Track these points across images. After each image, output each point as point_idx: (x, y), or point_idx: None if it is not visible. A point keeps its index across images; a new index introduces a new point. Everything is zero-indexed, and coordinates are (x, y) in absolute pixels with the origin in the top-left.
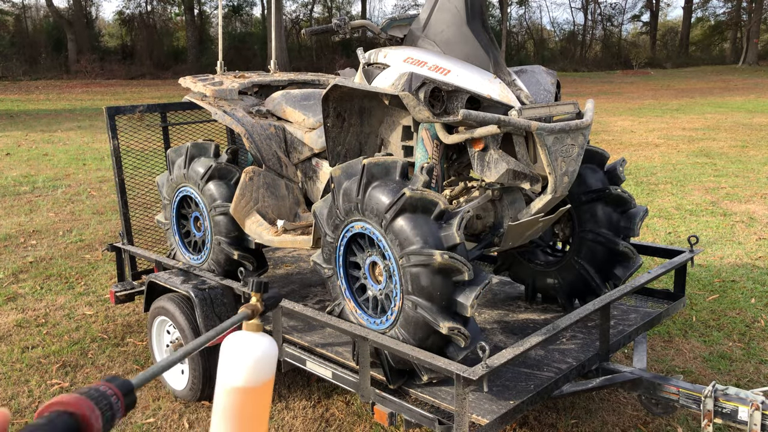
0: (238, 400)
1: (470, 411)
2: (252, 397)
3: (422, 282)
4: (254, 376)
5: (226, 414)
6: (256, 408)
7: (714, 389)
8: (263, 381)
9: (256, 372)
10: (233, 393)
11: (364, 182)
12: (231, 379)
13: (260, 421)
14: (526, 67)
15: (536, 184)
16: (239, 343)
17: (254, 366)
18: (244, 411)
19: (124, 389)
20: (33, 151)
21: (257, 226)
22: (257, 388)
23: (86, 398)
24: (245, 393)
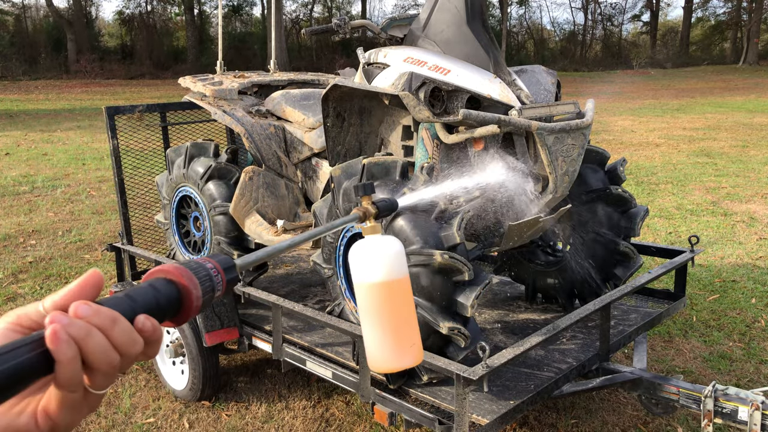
0: (380, 294)
1: (470, 411)
2: (393, 291)
3: (422, 282)
4: (390, 271)
5: (374, 311)
6: (401, 302)
7: (714, 389)
8: (401, 275)
9: (391, 267)
10: (374, 288)
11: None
12: (369, 276)
13: (408, 315)
14: (526, 67)
15: (536, 184)
16: (367, 245)
17: (388, 262)
18: (390, 304)
19: (225, 264)
20: (32, 151)
21: (257, 226)
22: (396, 281)
23: (187, 269)
24: (385, 287)
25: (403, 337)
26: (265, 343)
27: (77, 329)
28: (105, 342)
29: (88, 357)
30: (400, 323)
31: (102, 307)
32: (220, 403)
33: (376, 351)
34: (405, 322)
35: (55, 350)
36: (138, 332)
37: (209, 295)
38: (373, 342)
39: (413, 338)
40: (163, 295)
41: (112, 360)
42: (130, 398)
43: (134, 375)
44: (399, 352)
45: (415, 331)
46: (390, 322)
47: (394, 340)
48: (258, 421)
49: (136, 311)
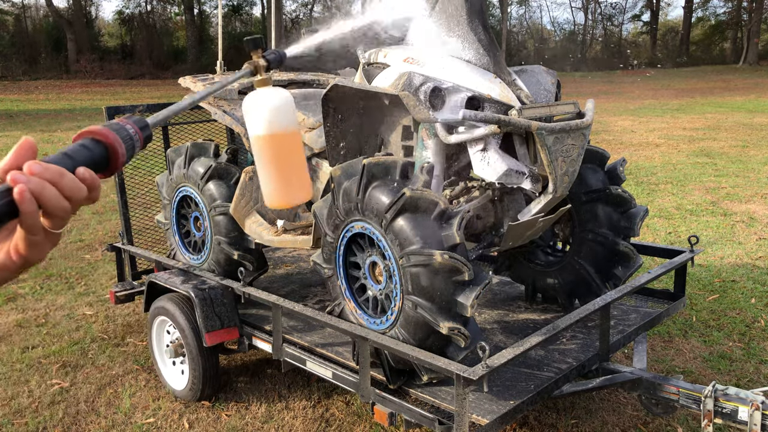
0: (268, 146)
1: (470, 411)
2: (280, 143)
3: (422, 282)
4: (276, 123)
5: (262, 160)
6: (289, 153)
7: (714, 389)
8: (286, 128)
9: (276, 119)
10: (262, 140)
11: (364, 182)
12: (256, 128)
13: (297, 166)
14: (526, 67)
15: (536, 184)
16: (254, 97)
17: (273, 114)
18: (279, 155)
19: (140, 124)
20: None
21: (257, 226)
22: (282, 134)
23: (111, 130)
24: (273, 139)
25: (291, 180)
26: (265, 343)
27: (34, 185)
28: (56, 192)
29: (45, 205)
30: (286, 169)
31: (50, 164)
32: (220, 403)
33: (268, 192)
34: (292, 168)
35: (20, 204)
36: (81, 181)
37: (131, 151)
38: (265, 185)
39: (301, 181)
40: (95, 152)
41: (64, 206)
42: (130, 398)
43: (134, 375)
44: (288, 193)
45: (303, 175)
46: (278, 169)
47: (282, 183)
48: (258, 421)
49: (76, 166)
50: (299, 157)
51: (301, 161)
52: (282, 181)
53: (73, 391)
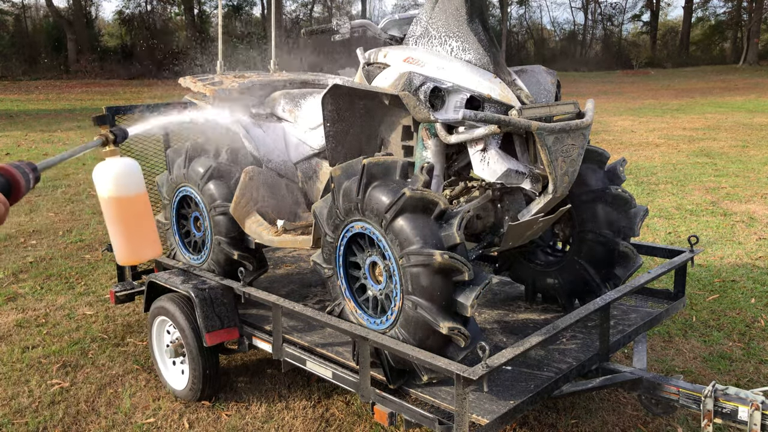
0: (114, 207)
1: (470, 411)
2: (126, 205)
3: (422, 282)
4: (122, 187)
5: (110, 220)
6: (135, 214)
7: (714, 389)
8: (131, 192)
9: (121, 184)
10: (108, 202)
11: (364, 182)
12: (104, 192)
13: (143, 226)
14: (526, 67)
15: (536, 184)
16: (104, 166)
17: (118, 179)
18: (124, 216)
19: (32, 166)
20: (33, 151)
21: (257, 226)
22: (127, 197)
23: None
24: (118, 202)
25: (137, 239)
26: (265, 343)
27: None
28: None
29: None
30: (132, 229)
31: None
32: (220, 403)
33: (116, 249)
34: (138, 228)
35: None
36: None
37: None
38: (114, 242)
39: (148, 239)
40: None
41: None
42: (130, 398)
43: (134, 375)
44: (134, 250)
45: (150, 233)
46: (124, 229)
47: (128, 241)
48: (258, 421)
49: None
50: (146, 217)
51: (148, 222)
52: (128, 240)
53: (73, 391)
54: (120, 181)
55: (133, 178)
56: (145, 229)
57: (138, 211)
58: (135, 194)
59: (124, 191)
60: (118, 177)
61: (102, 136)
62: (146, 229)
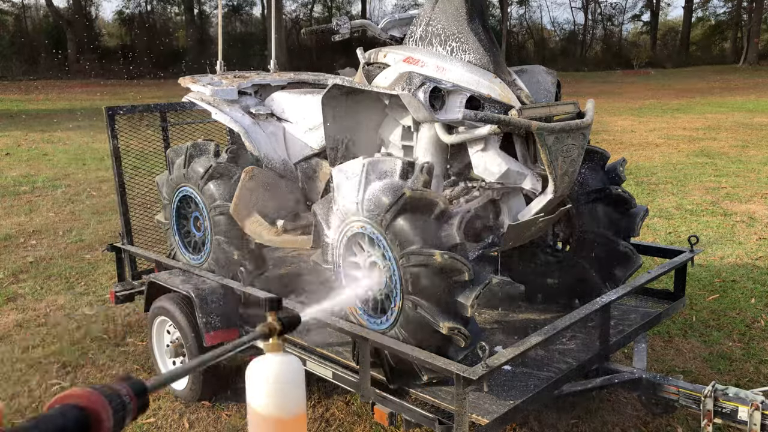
0: (264, 429)
1: (470, 411)
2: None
3: (422, 282)
4: (280, 406)
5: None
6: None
7: (714, 389)
8: (291, 412)
9: (282, 400)
10: (259, 420)
11: (364, 182)
12: (256, 402)
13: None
14: (526, 67)
15: (536, 184)
16: (262, 366)
17: (277, 391)
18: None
19: (137, 390)
20: (33, 151)
21: (257, 226)
22: (284, 421)
23: (99, 394)
24: (273, 424)
25: None
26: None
27: None
28: None
29: None
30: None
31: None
32: (220, 403)
33: None
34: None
35: None
36: None
37: (120, 425)
38: None
39: None
40: (72, 421)
41: None
42: None
43: (134, 375)
44: None
45: None
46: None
47: None
48: None
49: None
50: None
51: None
52: None
53: None
54: (281, 395)
55: (295, 391)
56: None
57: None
58: (296, 415)
59: (285, 411)
60: (280, 388)
61: (266, 325)
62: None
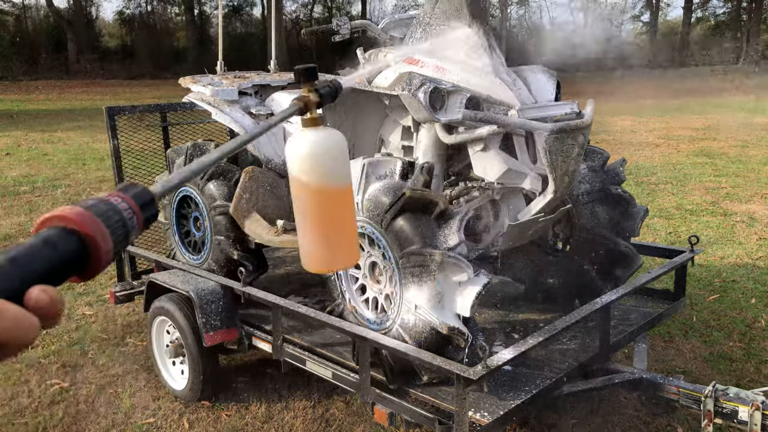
0: (312, 201)
1: (470, 411)
2: (328, 199)
3: (422, 282)
4: (326, 176)
5: (306, 217)
6: (338, 212)
7: (714, 389)
8: (338, 182)
9: (327, 170)
10: (307, 193)
11: (364, 182)
12: (301, 178)
13: (346, 227)
14: (526, 67)
15: (536, 184)
16: (301, 141)
17: (319, 162)
18: (325, 214)
19: (141, 200)
20: (33, 151)
21: (257, 226)
22: (331, 190)
23: (92, 213)
24: (320, 194)
25: (336, 243)
26: (265, 343)
27: None
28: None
29: None
30: (334, 230)
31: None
32: (220, 403)
33: (307, 253)
34: (340, 230)
35: None
36: (32, 310)
37: (123, 243)
38: (304, 244)
39: (347, 244)
40: (62, 252)
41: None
42: (130, 398)
43: (134, 375)
44: (330, 257)
45: (351, 238)
46: (323, 229)
47: (325, 246)
48: (258, 421)
49: (26, 280)
50: (349, 217)
51: (351, 222)
52: (325, 244)
53: (73, 391)
54: (327, 167)
55: (342, 162)
56: (347, 230)
57: (342, 206)
58: (343, 186)
59: (326, 181)
60: (320, 160)
61: (300, 100)
62: (349, 232)
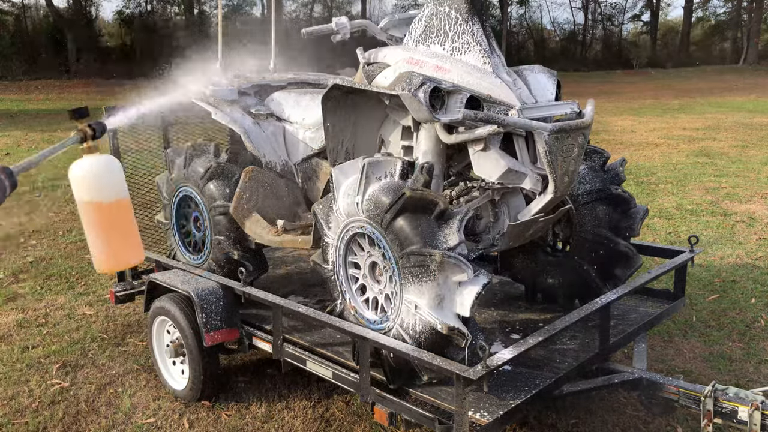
0: (92, 213)
1: (470, 411)
2: (106, 212)
3: (422, 282)
4: (101, 192)
5: (88, 226)
6: (115, 221)
7: (714, 389)
8: (113, 197)
9: (102, 187)
10: (87, 207)
11: (364, 182)
12: (80, 194)
13: (124, 233)
14: (526, 67)
15: (536, 184)
16: (81, 165)
17: (98, 182)
18: (103, 223)
19: (7, 171)
20: (33, 151)
21: (257, 226)
22: (108, 204)
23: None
24: (98, 208)
25: (117, 246)
26: (265, 343)
27: None
28: None
29: None
30: (113, 236)
31: None
32: (220, 403)
33: (95, 256)
34: (119, 236)
35: None
36: None
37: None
38: (92, 249)
39: (129, 246)
40: None
41: None
42: (130, 398)
43: (134, 375)
44: (114, 258)
45: (131, 239)
46: (104, 235)
47: (109, 248)
48: (258, 421)
49: None
50: (127, 223)
51: (129, 228)
52: (106, 247)
53: (74, 391)
54: (98, 184)
55: (112, 179)
56: (126, 235)
57: (118, 217)
58: (115, 200)
59: (103, 196)
60: (96, 179)
61: (80, 131)
62: (127, 236)
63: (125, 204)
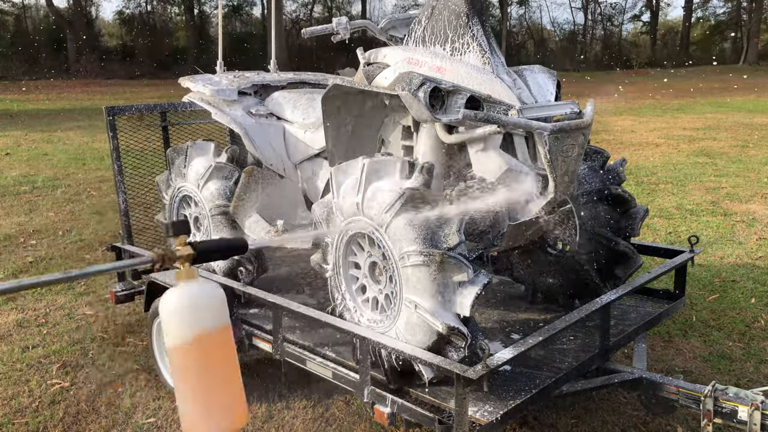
0: (181, 359)
1: (470, 411)
2: (199, 353)
3: (422, 282)
4: (187, 331)
5: (178, 376)
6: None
7: (714, 389)
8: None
9: (188, 326)
10: (175, 353)
11: (364, 182)
12: (169, 338)
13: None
14: (526, 67)
15: (536, 184)
16: (176, 297)
17: (184, 320)
18: (195, 368)
19: None
20: (33, 151)
21: (257, 226)
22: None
23: None
24: (186, 351)
25: (220, 400)
26: (265, 343)
27: None
28: None
29: None
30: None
31: None
32: None
33: (183, 416)
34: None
35: None
36: None
37: None
38: (185, 406)
39: (234, 399)
40: None
41: None
42: (130, 398)
43: (134, 375)
44: (214, 418)
45: (236, 392)
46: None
47: (208, 404)
48: (258, 421)
49: None
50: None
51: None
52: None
53: (73, 391)
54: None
55: (202, 312)
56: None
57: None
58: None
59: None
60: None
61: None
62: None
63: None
